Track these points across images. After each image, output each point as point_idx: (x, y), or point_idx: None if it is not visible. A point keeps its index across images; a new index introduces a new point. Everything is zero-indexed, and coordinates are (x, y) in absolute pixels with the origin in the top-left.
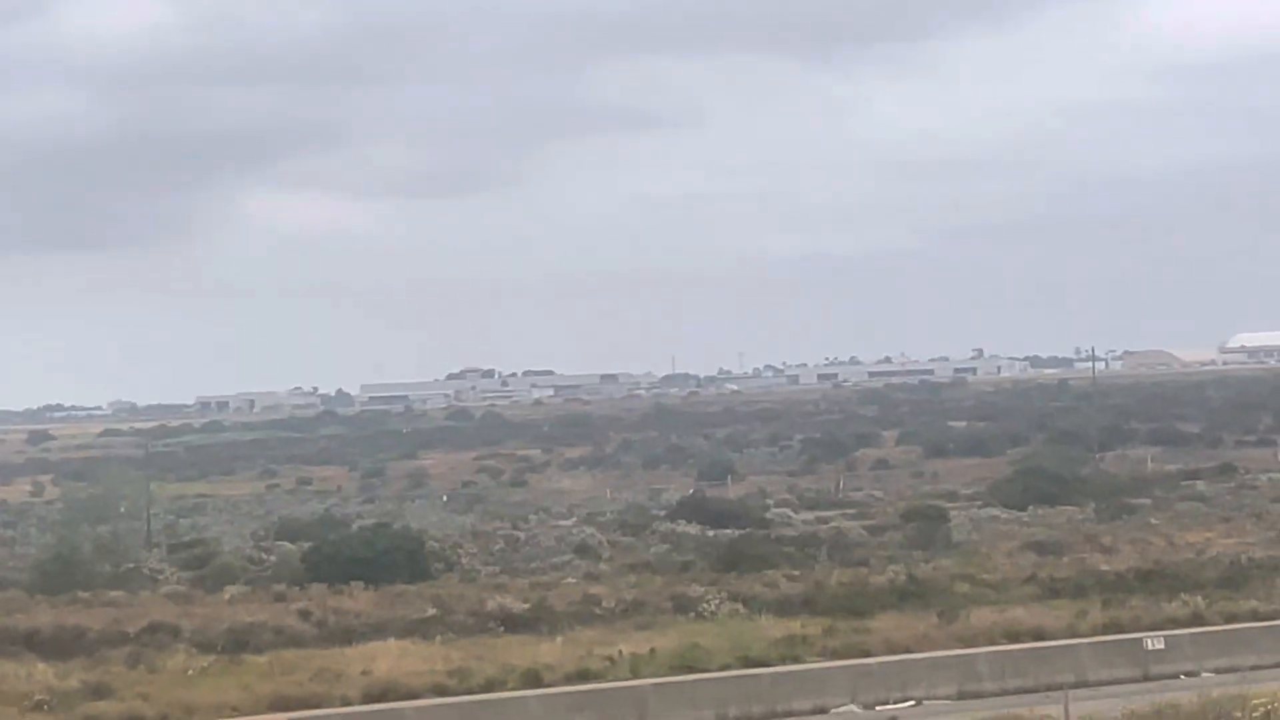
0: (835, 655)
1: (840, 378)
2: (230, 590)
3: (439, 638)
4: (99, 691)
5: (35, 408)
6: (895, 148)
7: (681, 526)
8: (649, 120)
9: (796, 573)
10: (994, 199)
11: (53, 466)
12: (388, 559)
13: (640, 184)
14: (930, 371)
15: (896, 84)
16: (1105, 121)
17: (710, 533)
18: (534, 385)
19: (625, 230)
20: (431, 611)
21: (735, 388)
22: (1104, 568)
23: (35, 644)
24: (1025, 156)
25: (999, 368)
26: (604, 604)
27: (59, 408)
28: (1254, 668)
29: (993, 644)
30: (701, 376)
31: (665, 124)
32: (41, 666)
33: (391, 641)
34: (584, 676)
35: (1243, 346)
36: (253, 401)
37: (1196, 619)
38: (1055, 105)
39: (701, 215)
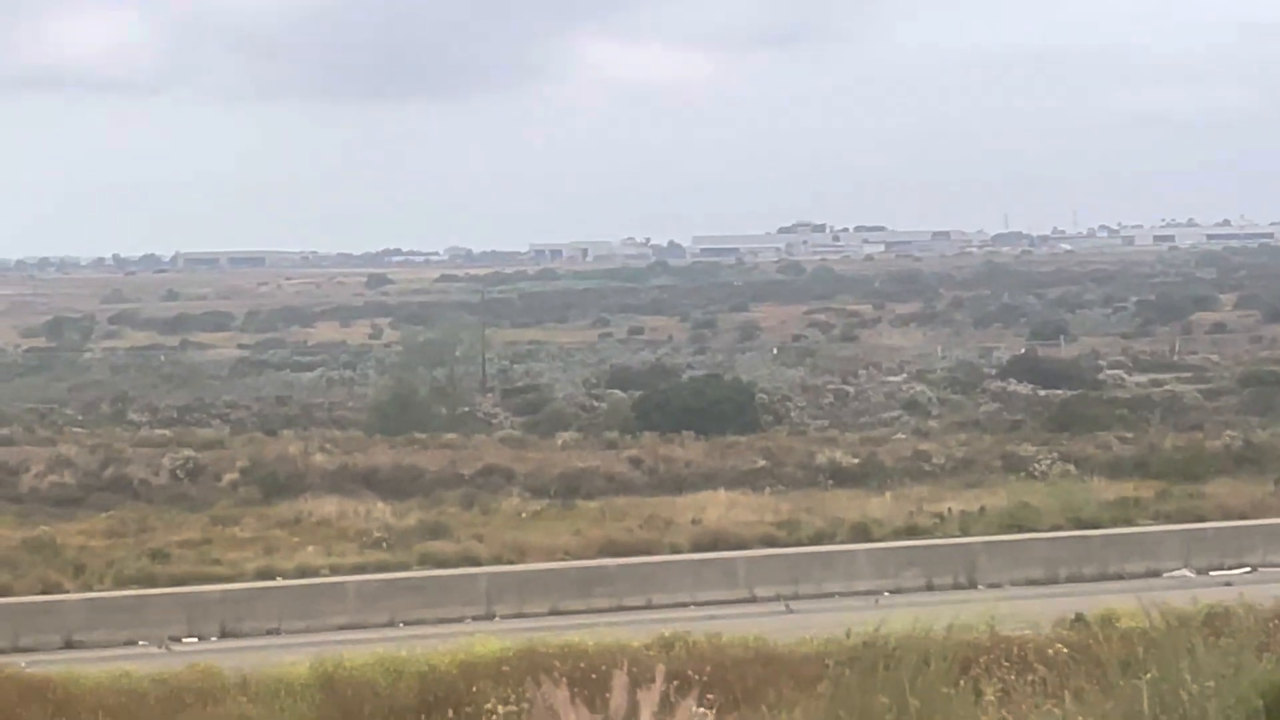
0: (1168, 519)
1: (1177, 240)
2: (562, 436)
3: (768, 489)
4: (435, 531)
5: (375, 251)
6: (1248, 5)
7: (1012, 386)
8: None
9: (1129, 435)
10: None
11: (390, 310)
12: (718, 409)
13: (978, 38)
14: (1270, 235)
15: None
16: None
17: (1041, 393)
18: (865, 241)
19: (959, 85)
20: (761, 463)
21: (1069, 247)
22: None
23: (374, 483)
24: None
25: None
26: (933, 461)
27: (397, 252)
28: None
29: None
30: (1035, 235)
31: None
32: (380, 505)
33: (721, 491)
34: (912, 532)
35: None
36: (585, 250)
37: None
38: None
39: (1041, 70)
